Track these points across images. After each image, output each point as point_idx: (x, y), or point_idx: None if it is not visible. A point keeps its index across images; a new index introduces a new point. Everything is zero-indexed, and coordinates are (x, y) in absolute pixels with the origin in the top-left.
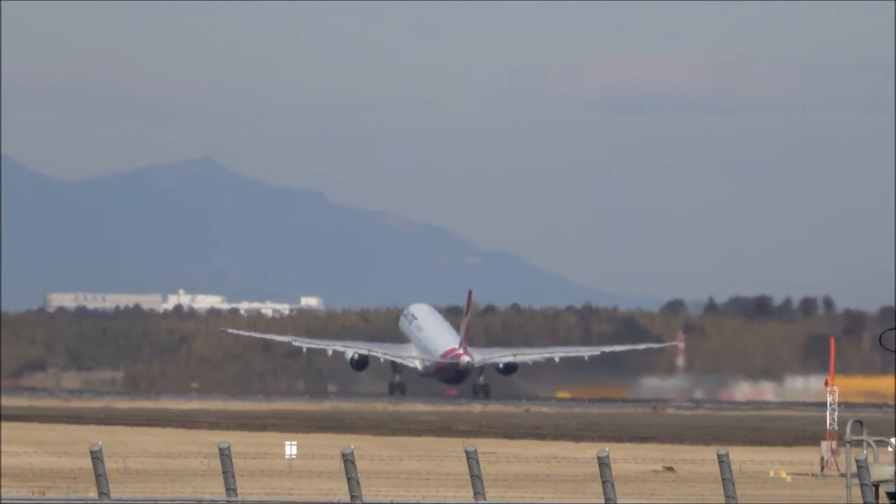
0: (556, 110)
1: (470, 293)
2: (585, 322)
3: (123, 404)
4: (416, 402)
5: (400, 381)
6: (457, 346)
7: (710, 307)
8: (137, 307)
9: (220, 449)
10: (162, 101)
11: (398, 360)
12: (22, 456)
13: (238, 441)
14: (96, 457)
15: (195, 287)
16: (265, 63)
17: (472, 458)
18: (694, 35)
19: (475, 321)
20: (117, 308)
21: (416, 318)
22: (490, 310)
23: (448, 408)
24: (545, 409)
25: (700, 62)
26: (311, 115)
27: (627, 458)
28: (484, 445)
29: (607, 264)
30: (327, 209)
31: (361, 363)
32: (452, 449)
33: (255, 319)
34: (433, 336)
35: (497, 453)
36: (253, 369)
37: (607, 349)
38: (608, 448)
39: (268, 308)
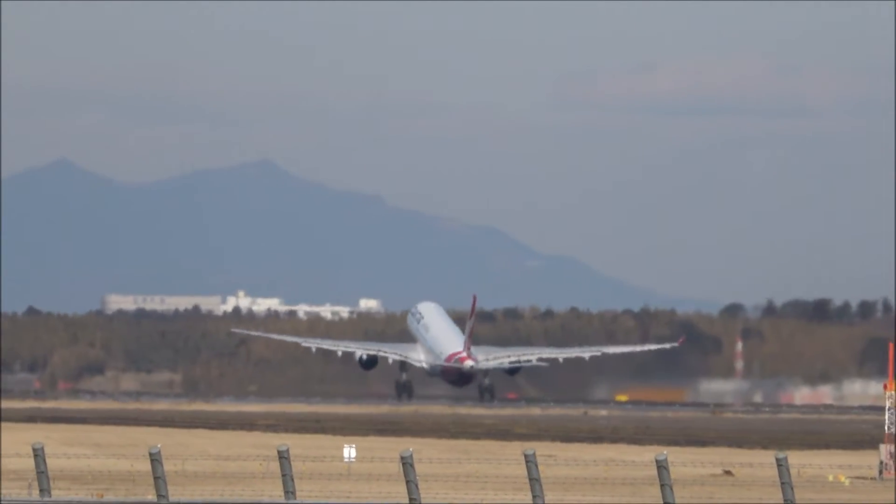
0: (613, 113)
1: (474, 298)
2: (643, 325)
3: (182, 407)
4: (474, 406)
5: (407, 381)
6: (461, 349)
7: (769, 310)
8: (196, 309)
9: (279, 451)
10: (221, 103)
11: (405, 361)
12: (80, 458)
13: (297, 444)
14: (155, 459)
15: (254, 290)
16: (323, 66)
17: (530, 461)
18: (751, 37)
19: (536, 325)
20: (176, 310)
21: (423, 318)
22: (548, 313)
23: (507, 411)
24: (603, 413)
25: (758, 64)
26: (369, 117)
27: (686, 461)
28: (542, 448)
29: (666, 267)
30: (386, 212)
31: (370, 363)
32: (511, 452)
33: (314, 322)
34: (438, 338)
35: (556, 456)
36: (312, 372)
37: (609, 350)
38: (666, 451)
39: (327, 311)
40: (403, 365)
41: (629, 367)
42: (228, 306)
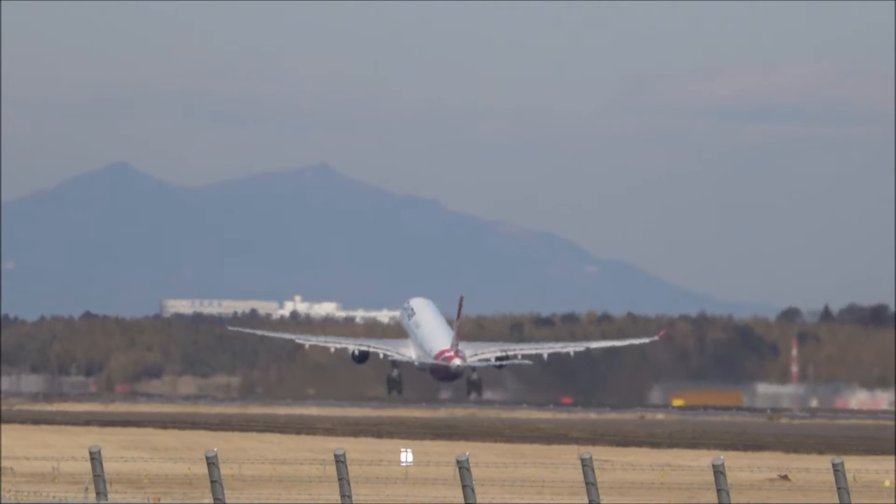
0: (673, 117)
1: (461, 299)
2: (699, 330)
3: (239, 410)
4: (531, 410)
5: (397, 377)
6: (448, 347)
7: (826, 315)
8: (254, 313)
9: (336, 455)
10: (280, 108)
11: (396, 357)
12: (137, 462)
13: (354, 447)
14: (211, 462)
15: (312, 294)
16: (383, 70)
17: (587, 465)
18: (813, 41)
19: (593, 329)
20: (234, 314)
21: (414, 314)
22: (606, 318)
23: (563, 415)
24: (660, 417)
25: (822, 69)
26: (428, 122)
27: (742, 466)
28: (599, 453)
29: (723, 273)
30: (444, 216)
31: (362, 358)
32: (567, 456)
33: (372, 326)
34: (427, 335)
35: (612, 461)
36: (368, 376)
37: (594, 345)
38: (723, 456)
39: (384, 315)
40: (394, 361)
41: (685, 371)
42: (286, 311)
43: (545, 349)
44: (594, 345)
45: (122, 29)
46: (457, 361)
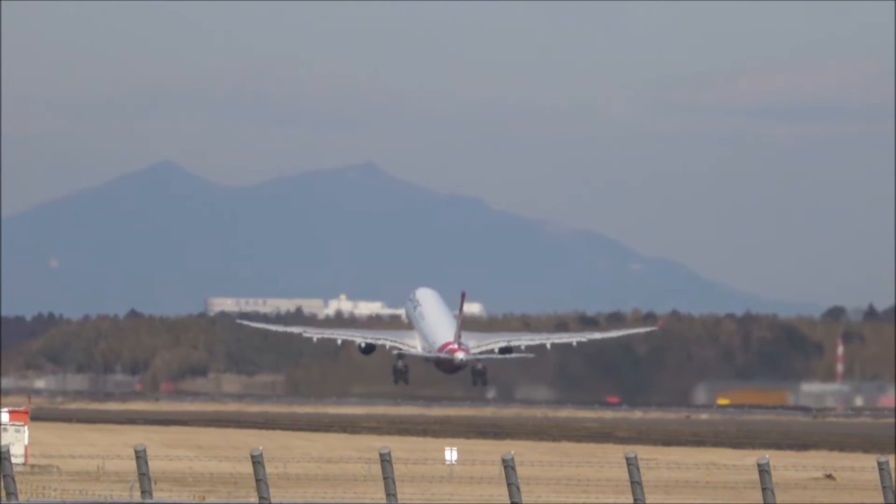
0: (717, 116)
1: (463, 294)
2: (745, 329)
3: (284, 408)
4: (576, 409)
5: (403, 368)
6: (452, 339)
7: (870, 314)
8: (299, 312)
9: (381, 454)
10: (325, 106)
11: (402, 348)
12: (182, 460)
13: (399, 446)
14: (257, 461)
15: (357, 292)
16: (428, 70)
17: (632, 464)
18: (854, 40)
19: (638, 327)
20: (278, 313)
21: (419, 305)
22: (651, 316)
23: (608, 414)
24: (705, 416)
25: (861, 67)
26: (472, 120)
27: (787, 465)
28: (644, 452)
29: (769, 272)
30: (488, 215)
31: (369, 350)
32: (612, 455)
33: None
34: (432, 327)
35: (657, 460)
36: (414, 375)
37: (595, 335)
38: (768, 455)
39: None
40: (400, 352)
41: (730, 370)
42: (330, 309)
43: (548, 340)
44: (596, 335)
45: (170, 28)
46: (460, 355)
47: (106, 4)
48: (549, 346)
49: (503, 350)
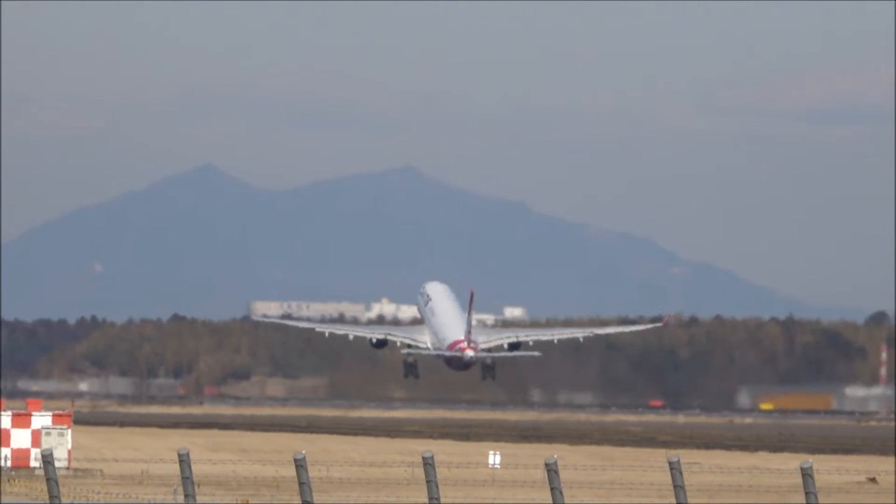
0: (759, 119)
1: (472, 294)
2: (788, 333)
3: (327, 412)
4: (619, 412)
5: (413, 362)
6: (462, 337)
7: None
8: (341, 316)
9: (424, 458)
10: (366, 110)
11: (413, 343)
12: (226, 464)
13: (441, 450)
14: (300, 465)
15: (399, 296)
16: (468, 72)
17: (675, 468)
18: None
19: (680, 332)
20: (321, 316)
21: (430, 300)
22: (693, 321)
23: (651, 418)
24: (748, 420)
25: None
26: (514, 123)
27: (831, 469)
28: (687, 456)
29: (812, 276)
30: (531, 219)
31: (380, 345)
32: (656, 459)
33: None
34: (442, 324)
35: (700, 464)
36: (456, 378)
37: (598, 331)
38: (811, 459)
39: (473, 318)
40: (410, 347)
41: (774, 374)
42: (373, 313)
43: (556, 335)
44: (599, 331)
45: (210, 30)
46: (469, 353)
47: (149, 8)
48: (555, 341)
49: (512, 346)
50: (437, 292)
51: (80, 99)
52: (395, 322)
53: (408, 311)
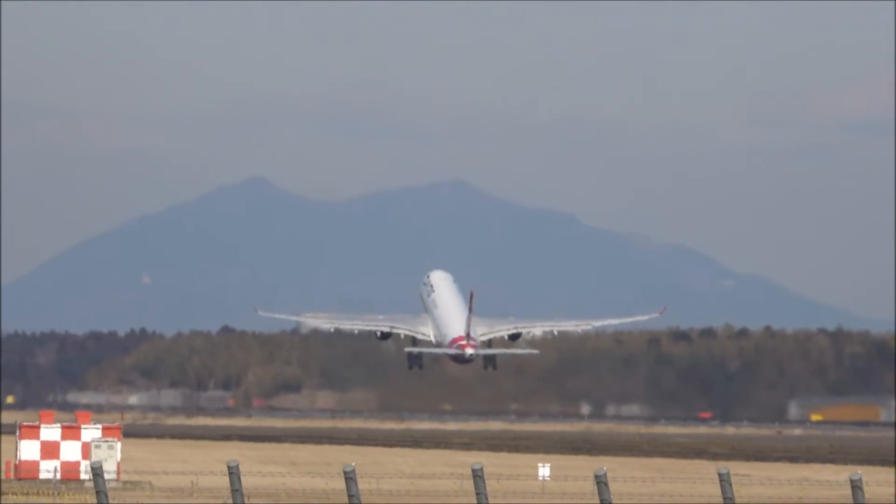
0: (812, 132)
1: (472, 294)
2: (837, 345)
3: (376, 424)
4: (669, 424)
5: (417, 353)
6: (463, 333)
7: None
8: (391, 327)
9: (473, 470)
10: (415, 122)
11: (416, 335)
12: (275, 476)
13: (491, 462)
14: (349, 477)
15: None
16: (519, 85)
17: (724, 480)
18: None
19: (730, 344)
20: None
21: (433, 291)
22: (743, 332)
23: (701, 430)
24: (798, 432)
25: None
26: (562, 135)
27: (880, 481)
28: (737, 468)
29: (861, 288)
30: (580, 231)
31: (385, 337)
32: (705, 471)
33: None
34: (444, 318)
35: (750, 476)
36: (505, 390)
37: (597, 323)
38: (861, 471)
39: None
40: (414, 339)
41: (823, 385)
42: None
43: (554, 327)
44: (596, 323)
45: (262, 43)
46: (470, 350)
47: (202, 24)
48: (556, 332)
49: (512, 336)
50: (440, 283)
51: (132, 113)
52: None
53: None
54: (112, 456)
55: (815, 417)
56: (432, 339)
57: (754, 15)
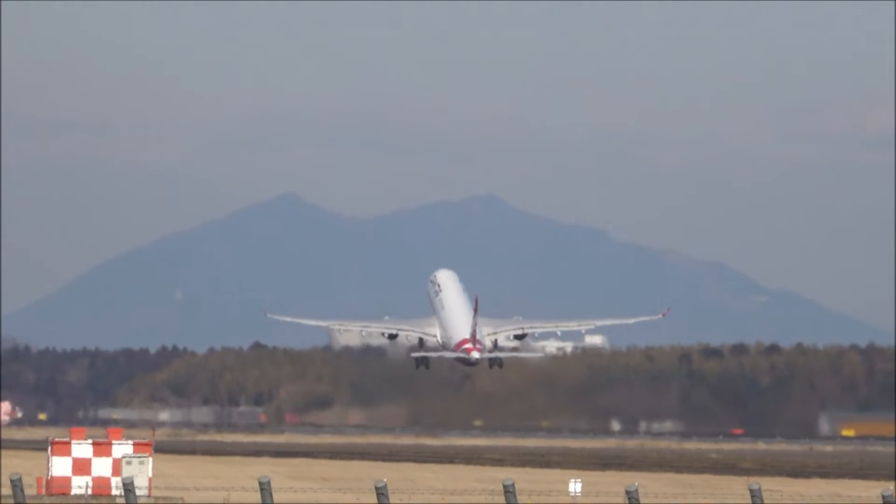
0: (845, 148)
1: (476, 299)
2: (868, 361)
3: (408, 440)
4: (700, 440)
5: (424, 356)
6: (469, 336)
7: None
8: (421, 342)
9: (505, 485)
10: (447, 138)
11: (423, 337)
12: (307, 492)
13: (522, 478)
14: (381, 493)
15: (481, 322)
16: (551, 99)
17: (755, 496)
18: None
19: (761, 360)
20: (403, 345)
21: (440, 291)
22: (774, 348)
23: (732, 445)
24: (829, 448)
25: None
26: (594, 150)
27: None
28: (768, 483)
29: (893, 303)
30: (612, 246)
31: (392, 339)
32: (737, 487)
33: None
34: (451, 320)
35: (781, 491)
36: (536, 406)
37: (600, 323)
38: (892, 486)
39: (551, 346)
40: (421, 340)
41: (854, 401)
42: None
43: (558, 327)
44: (598, 322)
45: (292, 61)
46: (475, 355)
47: (232, 39)
48: (559, 332)
49: (517, 336)
50: (447, 283)
51: (163, 129)
52: None
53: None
54: (143, 472)
55: (846, 433)
56: (439, 339)
57: (784, 31)
